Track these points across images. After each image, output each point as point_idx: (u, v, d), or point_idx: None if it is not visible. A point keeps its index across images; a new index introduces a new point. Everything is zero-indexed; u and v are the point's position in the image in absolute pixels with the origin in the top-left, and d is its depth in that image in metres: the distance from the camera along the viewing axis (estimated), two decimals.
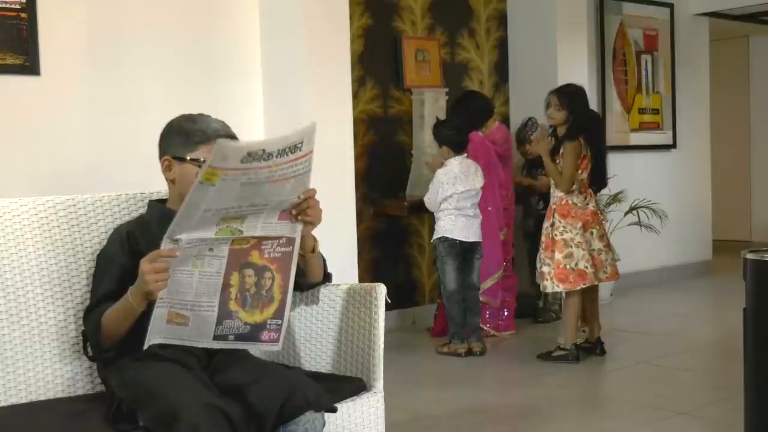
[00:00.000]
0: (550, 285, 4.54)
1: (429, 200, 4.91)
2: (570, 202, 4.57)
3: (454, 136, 4.89)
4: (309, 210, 2.08)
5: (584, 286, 4.53)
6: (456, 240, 4.84)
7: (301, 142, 1.94)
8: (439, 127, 4.98)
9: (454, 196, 4.81)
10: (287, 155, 1.93)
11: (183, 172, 2.24)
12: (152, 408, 1.99)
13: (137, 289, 2.02)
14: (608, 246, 4.63)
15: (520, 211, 5.84)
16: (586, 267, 4.51)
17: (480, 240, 4.93)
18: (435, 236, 4.92)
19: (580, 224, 4.54)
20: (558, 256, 4.52)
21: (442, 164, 4.90)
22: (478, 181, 4.91)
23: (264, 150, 1.88)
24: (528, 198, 5.75)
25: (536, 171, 5.69)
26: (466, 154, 4.91)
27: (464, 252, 4.89)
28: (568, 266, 4.51)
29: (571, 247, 4.52)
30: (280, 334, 2.05)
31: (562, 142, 4.57)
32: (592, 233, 4.55)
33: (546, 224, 4.62)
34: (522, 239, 5.85)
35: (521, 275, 5.77)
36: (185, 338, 2.02)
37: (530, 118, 5.78)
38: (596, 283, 4.58)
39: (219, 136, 2.19)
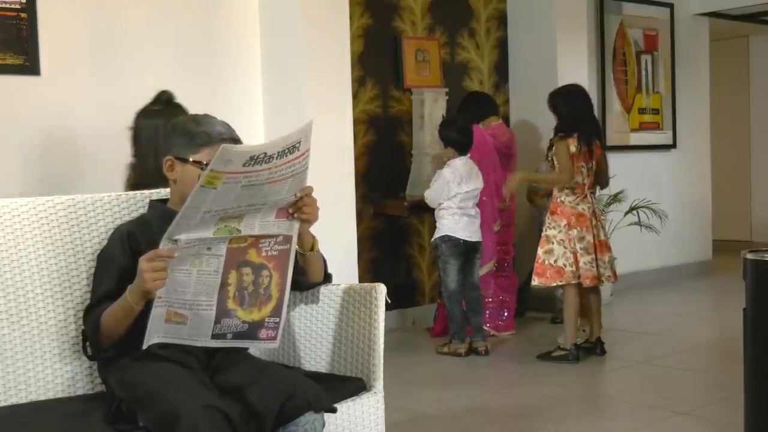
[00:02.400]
0: (532, 279, 4.64)
1: (431, 197, 4.88)
2: (559, 200, 4.60)
3: (459, 138, 4.90)
4: (305, 208, 2.08)
5: (560, 284, 4.56)
6: (460, 239, 4.84)
7: (299, 142, 1.95)
8: (445, 129, 4.99)
9: (458, 196, 4.81)
10: (287, 156, 1.94)
11: (185, 172, 2.24)
12: (152, 409, 1.99)
13: (135, 288, 2.02)
14: (591, 250, 4.57)
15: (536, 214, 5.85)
16: (565, 265, 4.52)
17: (480, 240, 4.93)
18: (436, 235, 4.90)
19: (564, 222, 4.55)
20: (539, 251, 4.60)
21: (444, 163, 4.90)
22: (479, 181, 4.92)
23: (265, 153, 1.89)
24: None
25: None
26: (468, 155, 4.91)
27: (467, 252, 4.89)
28: (546, 262, 4.55)
29: (552, 243, 4.55)
30: (278, 332, 2.05)
31: (552, 142, 4.66)
32: (573, 233, 4.55)
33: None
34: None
35: (522, 275, 5.77)
36: (184, 337, 2.02)
37: None
38: (573, 282, 4.57)
39: (223, 140, 2.20)
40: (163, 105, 3.69)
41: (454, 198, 4.82)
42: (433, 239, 4.97)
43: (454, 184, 4.81)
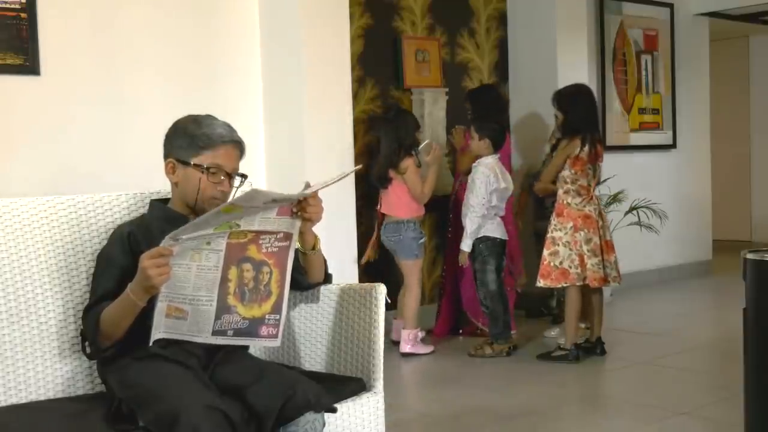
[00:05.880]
0: (537, 281, 4.64)
1: (477, 202, 4.75)
2: (565, 201, 4.60)
3: (499, 133, 4.89)
4: (309, 208, 2.09)
5: (566, 285, 4.57)
6: (498, 239, 4.83)
7: (330, 184, 2.01)
8: (484, 120, 4.93)
9: (494, 195, 4.78)
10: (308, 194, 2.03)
11: (186, 176, 2.24)
12: (153, 409, 1.99)
13: (137, 285, 2.02)
14: (598, 251, 4.57)
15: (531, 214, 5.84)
16: (570, 267, 4.52)
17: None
18: (473, 237, 4.80)
19: (570, 224, 4.55)
20: (545, 252, 4.60)
21: (472, 155, 4.90)
22: (511, 182, 4.91)
23: (289, 198, 1.94)
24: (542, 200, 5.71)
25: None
26: (499, 155, 4.91)
27: (503, 251, 4.90)
28: (552, 263, 4.55)
29: (558, 245, 4.55)
30: (279, 330, 2.06)
31: (560, 141, 4.66)
32: (580, 234, 4.55)
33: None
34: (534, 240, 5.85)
35: (527, 275, 5.76)
36: (184, 332, 2.02)
37: None
38: (578, 283, 4.57)
39: (224, 142, 2.22)
40: (395, 112, 5.13)
41: (492, 196, 4.76)
42: (470, 241, 4.82)
43: (494, 179, 4.76)
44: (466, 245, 4.82)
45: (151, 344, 2.00)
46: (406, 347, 4.89)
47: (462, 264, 4.95)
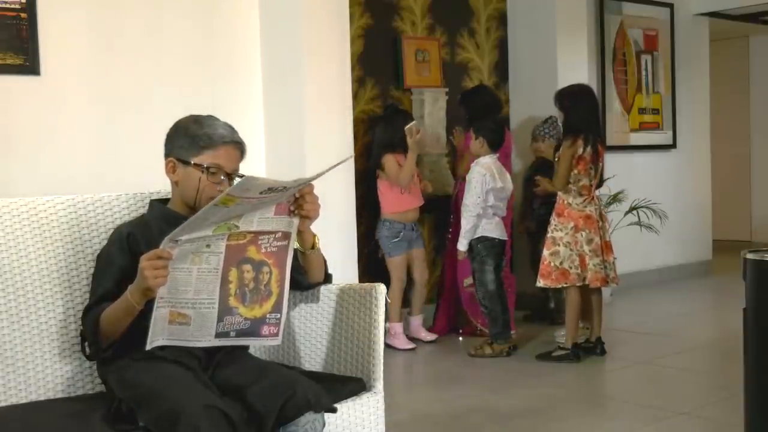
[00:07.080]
0: (537, 281, 4.65)
1: (472, 201, 4.77)
2: (566, 202, 4.59)
3: (496, 133, 4.88)
4: (306, 205, 2.09)
5: (566, 285, 4.57)
6: (496, 239, 4.84)
7: (324, 173, 2.02)
8: (482, 120, 4.94)
9: (491, 194, 4.77)
10: (305, 184, 2.02)
11: (186, 175, 2.24)
12: (153, 409, 1.99)
13: (136, 287, 2.02)
14: (599, 252, 4.57)
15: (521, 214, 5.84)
16: (570, 267, 4.53)
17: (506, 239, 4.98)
18: (471, 236, 4.83)
19: (571, 224, 4.55)
20: (545, 252, 4.60)
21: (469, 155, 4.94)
22: (510, 183, 4.92)
23: (285, 187, 1.95)
24: (531, 200, 5.71)
25: (543, 171, 5.67)
26: (498, 155, 4.91)
27: (501, 252, 4.90)
28: (552, 264, 4.56)
29: (559, 245, 4.55)
30: (280, 328, 2.07)
31: (561, 142, 4.65)
32: (581, 235, 4.55)
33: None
34: (525, 240, 5.85)
35: (524, 276, 5.76)
36: (189, 338, 2.02)
37: (550, 117, 5.66)
38: (579, 284, 4.57)
39: (224, 142, 2.22)
40: (390, 111, 5.27)
41: (488, 195, 4.77)
42: (466, 241, 4.85)
43: (490, 178, 4.76)
44: (461, 245, 4.84)
45: (147, 349, 2.00)
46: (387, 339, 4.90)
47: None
